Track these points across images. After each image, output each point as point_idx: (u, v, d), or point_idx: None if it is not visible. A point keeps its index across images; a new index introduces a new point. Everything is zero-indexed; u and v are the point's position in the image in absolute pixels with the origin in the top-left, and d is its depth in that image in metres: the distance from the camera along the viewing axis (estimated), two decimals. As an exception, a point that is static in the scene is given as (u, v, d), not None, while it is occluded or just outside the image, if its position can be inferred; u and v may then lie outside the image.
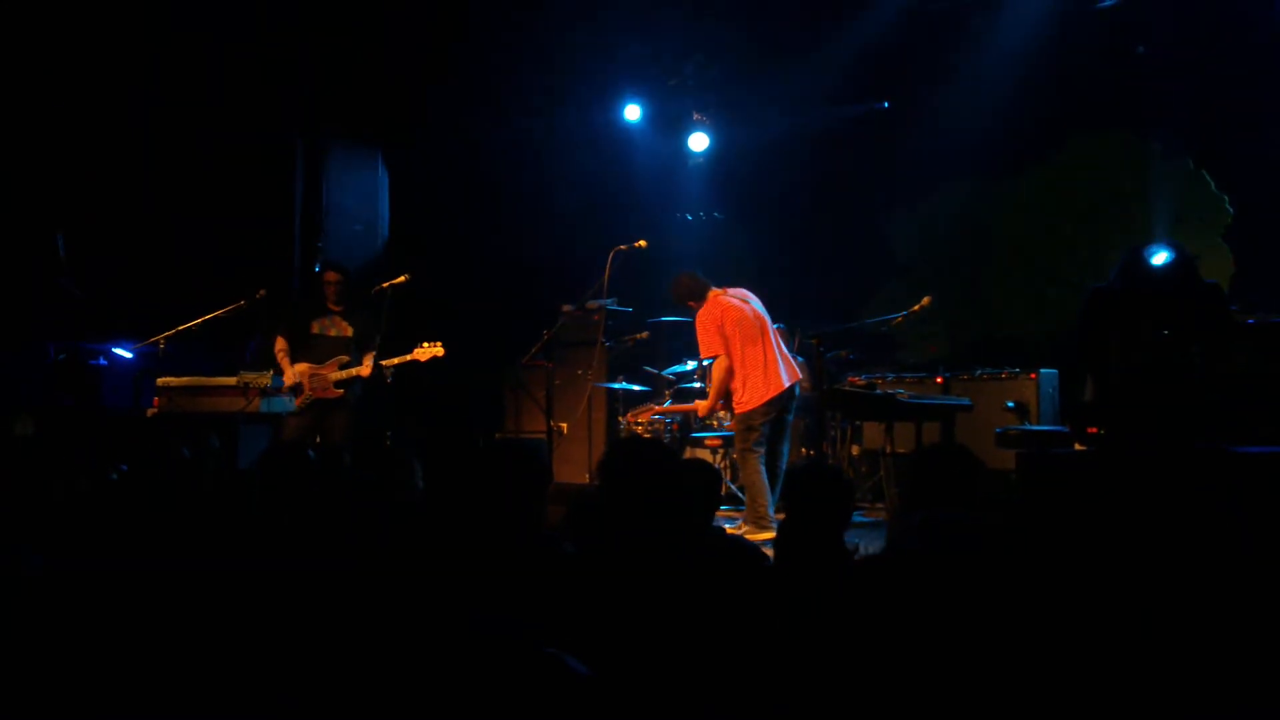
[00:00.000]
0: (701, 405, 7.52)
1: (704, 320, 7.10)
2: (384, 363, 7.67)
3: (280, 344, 7.94)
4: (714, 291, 7.23)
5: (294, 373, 7.75)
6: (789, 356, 7.25)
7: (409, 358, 7.67)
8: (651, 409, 8.28)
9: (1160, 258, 5.23)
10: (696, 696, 2.46)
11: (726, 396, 7.19)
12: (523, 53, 10.26)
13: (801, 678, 2.44)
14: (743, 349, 7.01)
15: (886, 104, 10.23)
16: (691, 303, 7.27)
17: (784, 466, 7.15)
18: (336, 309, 8.02)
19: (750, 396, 6.99)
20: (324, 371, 7.79)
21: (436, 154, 10.75)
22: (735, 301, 7.15)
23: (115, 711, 2.49)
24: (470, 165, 10.90)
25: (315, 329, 7.97)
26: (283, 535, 3.44)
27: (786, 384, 7.05)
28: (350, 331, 7.99)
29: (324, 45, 9.77)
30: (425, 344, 7.68)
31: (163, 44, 9.28)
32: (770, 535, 6.41)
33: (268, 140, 9.97)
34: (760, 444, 6.97)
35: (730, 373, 7.02)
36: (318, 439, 7.75)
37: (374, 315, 7.75)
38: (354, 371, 7.77)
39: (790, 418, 7.25)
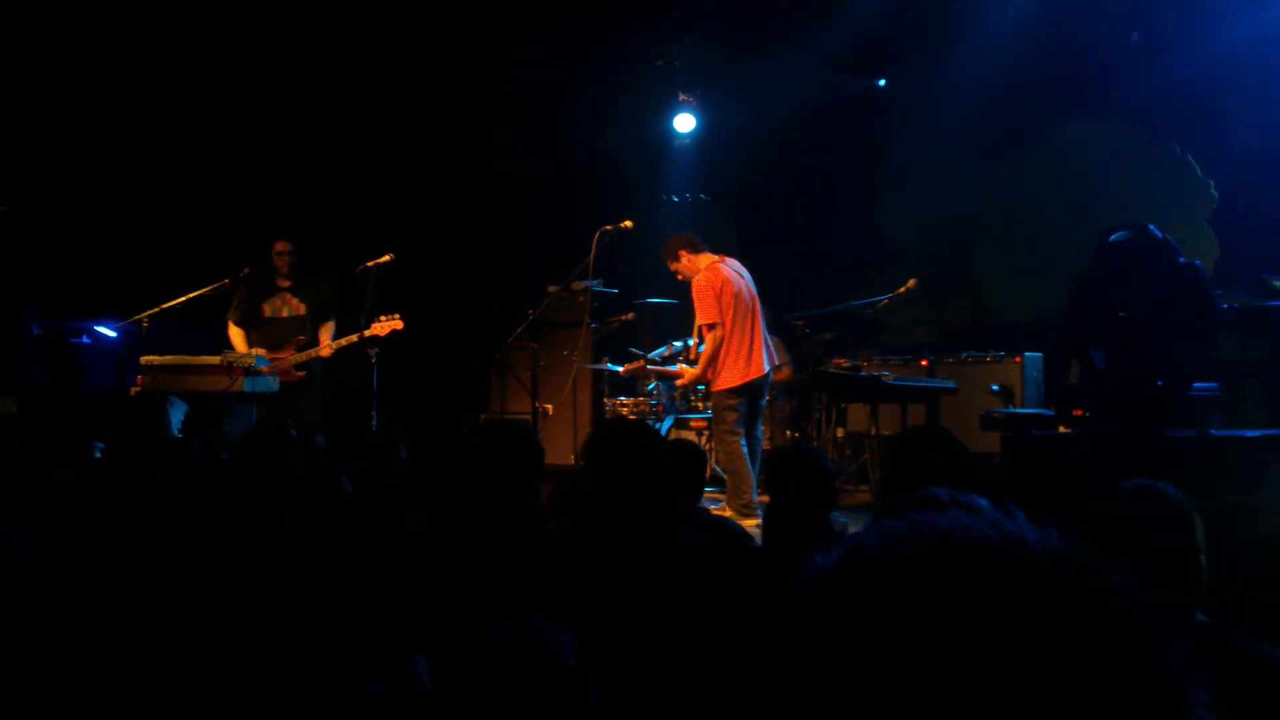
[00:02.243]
0: (688, 372, 7.34)
1: (703, 287, 6.96)
2: (340, 342, 7.53)
3: (233, 331, 7.80)
4: (711, 258, 7.11)
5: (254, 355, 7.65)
6: (768, 340, 7.20)
7: (368, 333, 7.47)
8: (641, 361, 8.17)
9: (1128, 239, 5.22)
10: (684, 678, 2.47)
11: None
12: (512, 32, 10.22)
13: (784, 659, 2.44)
14: (731, 326, 6.95)
15: (883, 81, 10.21)
16: (683, 252, 7.12)
17: (759, 448, 7.13)
18: (286, 284, 7.89)
19: (728, 377, 6.93)
20: (282, 356, 7.64)
21: (420, 136, 10.71)
22: (732, 275, 7.04)
23: (107, 698, 2.48)
24: (455, 146, 10.86)
25: (267, 311, 7.84)
26: (267, 520, 3.43)
27: (765, 370, 7.01)
28: (304, 309, 7.85)
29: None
30: (383, 318, 7.46)
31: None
32: (755, 523, 6.37)
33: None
34: (740, 424, 6.93)
35: (722, 344, 6.94)
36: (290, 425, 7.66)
37: (328, 287, 7.62)
38: (313, 352, 7.62)
39: (764, 401, 7.23)
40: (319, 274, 7.84)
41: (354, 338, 7.49)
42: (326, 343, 7.66)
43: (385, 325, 7.43)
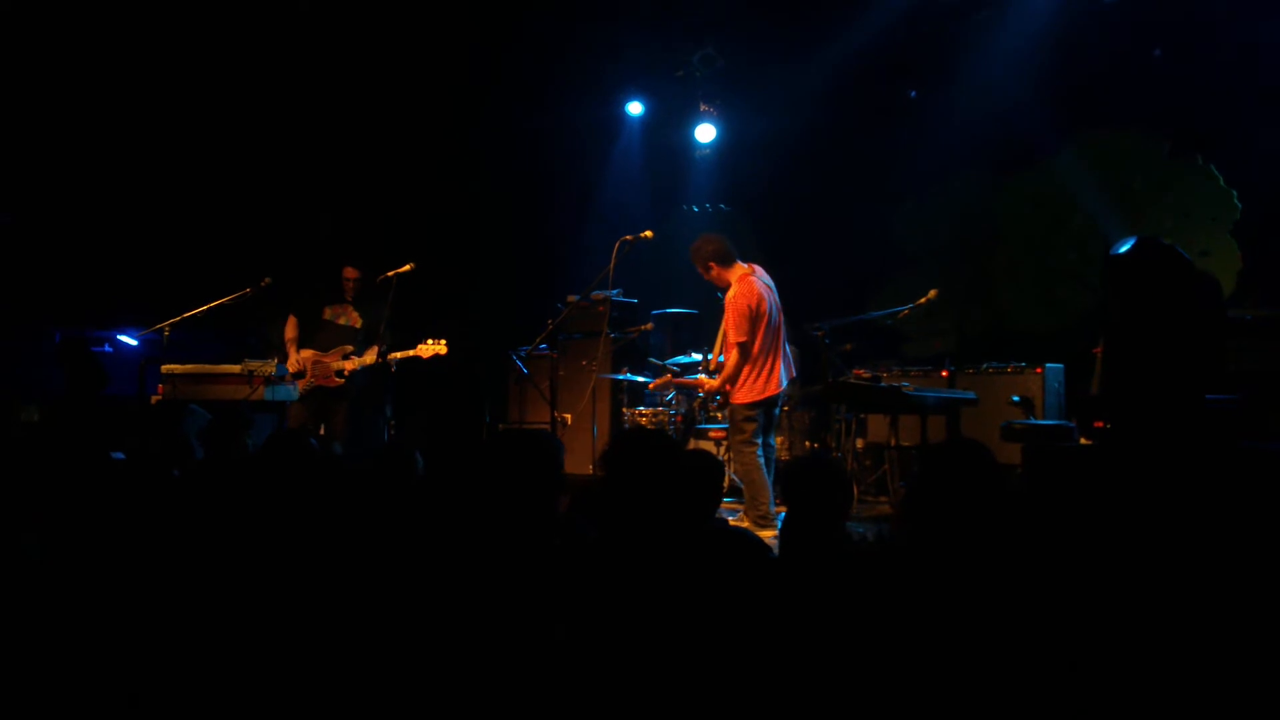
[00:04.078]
0: (708, 383, 7.27)
1: (739, 302, 6.84)
2: (389, 355, 7.66)
3: (291, 325, 7.97)
4: (742, 268, 7.02)
5: (299, 359, 7.77)
6: (788, 355, 7.16)
7: (411, 353, 7.65)
8: (669, 377, 8.16)
9: (1132, 251, 5.18)
10: (700, 687, 2.45)
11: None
12: (532, 43, 10.25)
13: (804, 668, 2.43)
14: (760, 341, 6.87)
15: (914, 94, 10.14)
16: (713, 264, 7.01)
17: (774, 457, 7.11)
18: (349, 298, 8.07)
19: (749, 391, 6.89)
20: (327, 360, 7.80)
21: (444, 145, 10.75)
22: (763, 289, 6.95)
23: (116, 698, 2.48)
24: (477, 156, 10.90)
25: (327, 314, 8.00)
26: (285, 523, 3.43)
27: (782, 387, 6.98)
28: (360, 322, 8.02)
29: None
30: (430, 341, 7.65)
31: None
32: (772, 534, 6.34)
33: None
34: (758, 435, 6.90)
35: (748, 359, 6.89)
36: (321, 429, 7.77)
37: (381, 306, 7.75)
38: (358, 362, 7.76)
39: (777, 411, 7.21)
40: (381, 297, 7.96)
41: (399, 355, 7.63)
42: (372, 355, 7.79)
43: (430, 348, 7.63)
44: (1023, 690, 2.30)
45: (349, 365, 7.80)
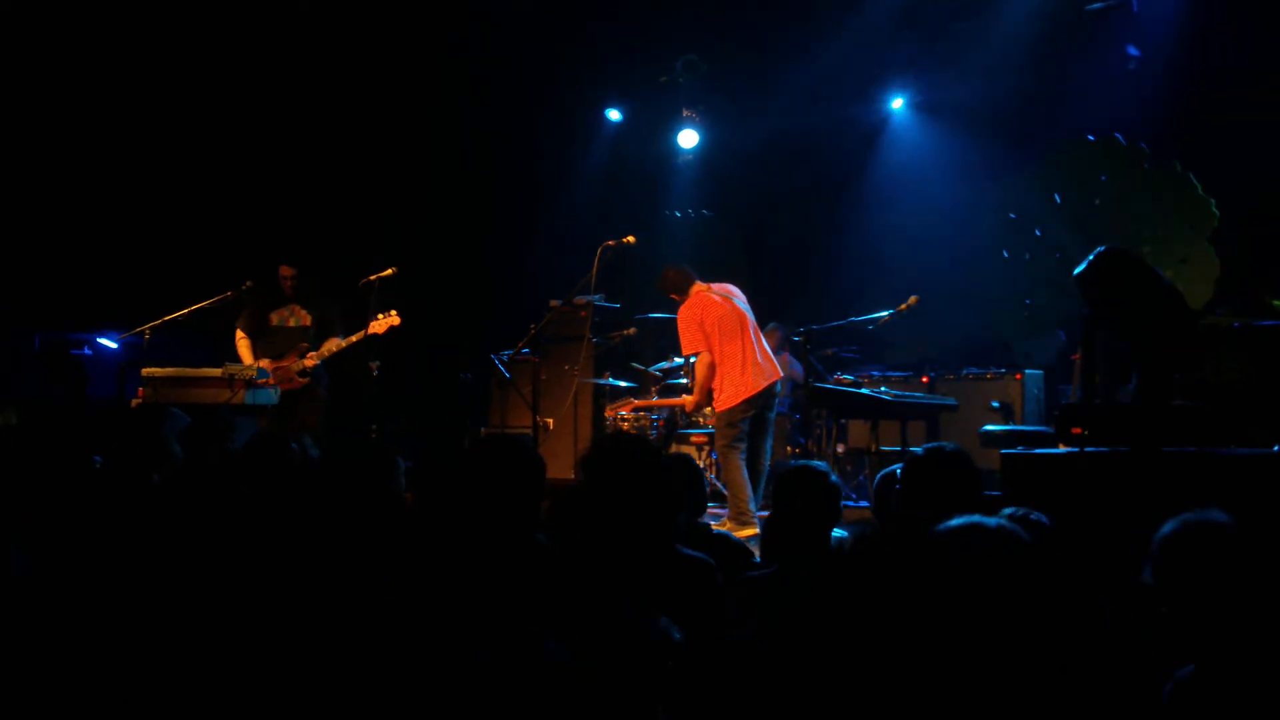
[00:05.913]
0: (688, 400, 7.52)
1: (685, 317, 7.10)
2: (343, 341, 7.61)
3: (240, 337, 7.87)
4: (698, 287, 7.21)
5: (255, 368, 7.70)
6: (770, 354, 7.23)
7: (367, 332, 7.47)
8: (631, 402, 8.27)
9: (1098, 262, 5.22)
10: (684, 692, 2.47)
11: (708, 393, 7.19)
12: (515, 47, 10.26)
13: (787, 674, 2.44)
14: (722, 346, 7.00)
15: (901, 105, 10.16)
16: (674, 295, 7.26)
17: (767, 464, 7.16)
18: (292, 297, 7.98)
19: (728, 395, 6.99)
20: (286, 364, 7.71)
21: (426, 149, 10.74)
22: (717, 298, 7.13)
23: (99, 702, 2.48)
24: (458, 160, 10.89)
25: (274, 320, 7.92)
26: (268, 529, 3.43)
27: (765, 384, 7.02)
28: (309, 320, 7.93)
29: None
30: (380, 315, 7.48)
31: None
32: (753, 531, 6.42)
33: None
34: (741, 440, 6.96)
35: (712, 369, 7.01)
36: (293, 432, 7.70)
37: (335, 304, 7.70)
38: (316, 357, 7.65)
39: (771, 415, 7.25)
40: (327, 292, 7.90)
41: (356, 337, 7.55)
42: (329, 346, 7.72)
43: (384, 322, 7.47)
44: (1012, 693, 2.31)
45: (309, 362, 7.71)
